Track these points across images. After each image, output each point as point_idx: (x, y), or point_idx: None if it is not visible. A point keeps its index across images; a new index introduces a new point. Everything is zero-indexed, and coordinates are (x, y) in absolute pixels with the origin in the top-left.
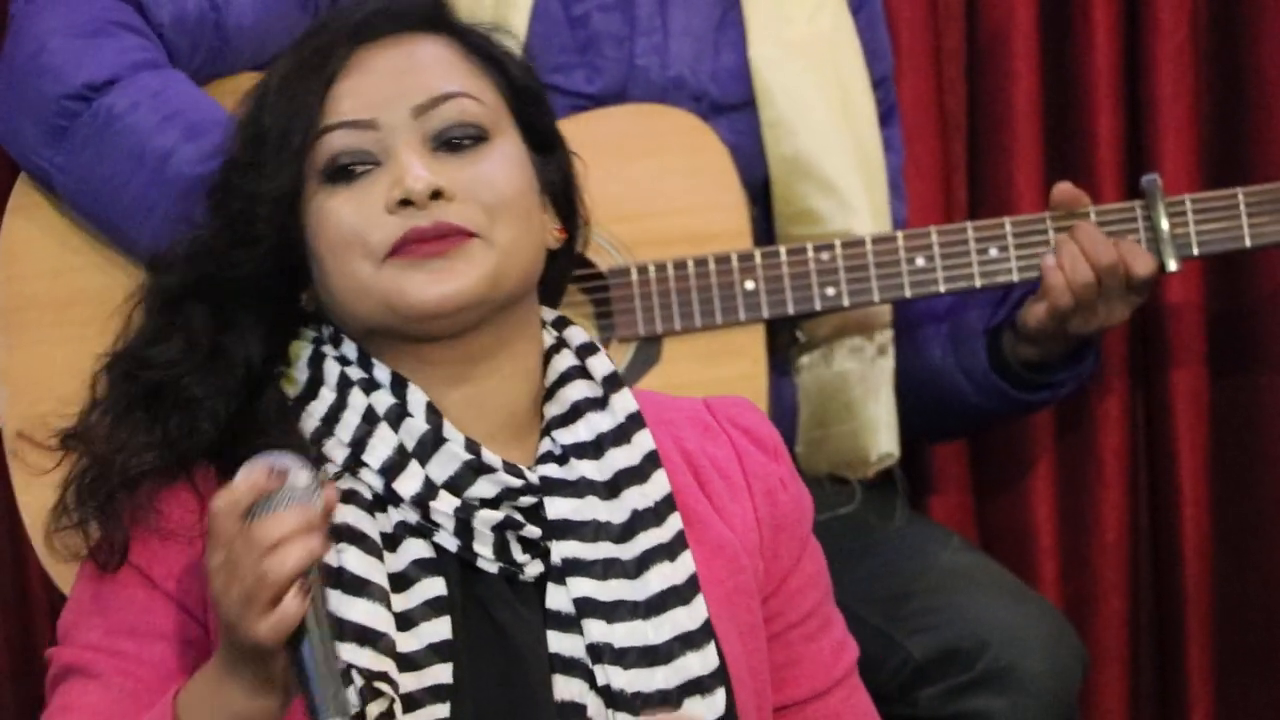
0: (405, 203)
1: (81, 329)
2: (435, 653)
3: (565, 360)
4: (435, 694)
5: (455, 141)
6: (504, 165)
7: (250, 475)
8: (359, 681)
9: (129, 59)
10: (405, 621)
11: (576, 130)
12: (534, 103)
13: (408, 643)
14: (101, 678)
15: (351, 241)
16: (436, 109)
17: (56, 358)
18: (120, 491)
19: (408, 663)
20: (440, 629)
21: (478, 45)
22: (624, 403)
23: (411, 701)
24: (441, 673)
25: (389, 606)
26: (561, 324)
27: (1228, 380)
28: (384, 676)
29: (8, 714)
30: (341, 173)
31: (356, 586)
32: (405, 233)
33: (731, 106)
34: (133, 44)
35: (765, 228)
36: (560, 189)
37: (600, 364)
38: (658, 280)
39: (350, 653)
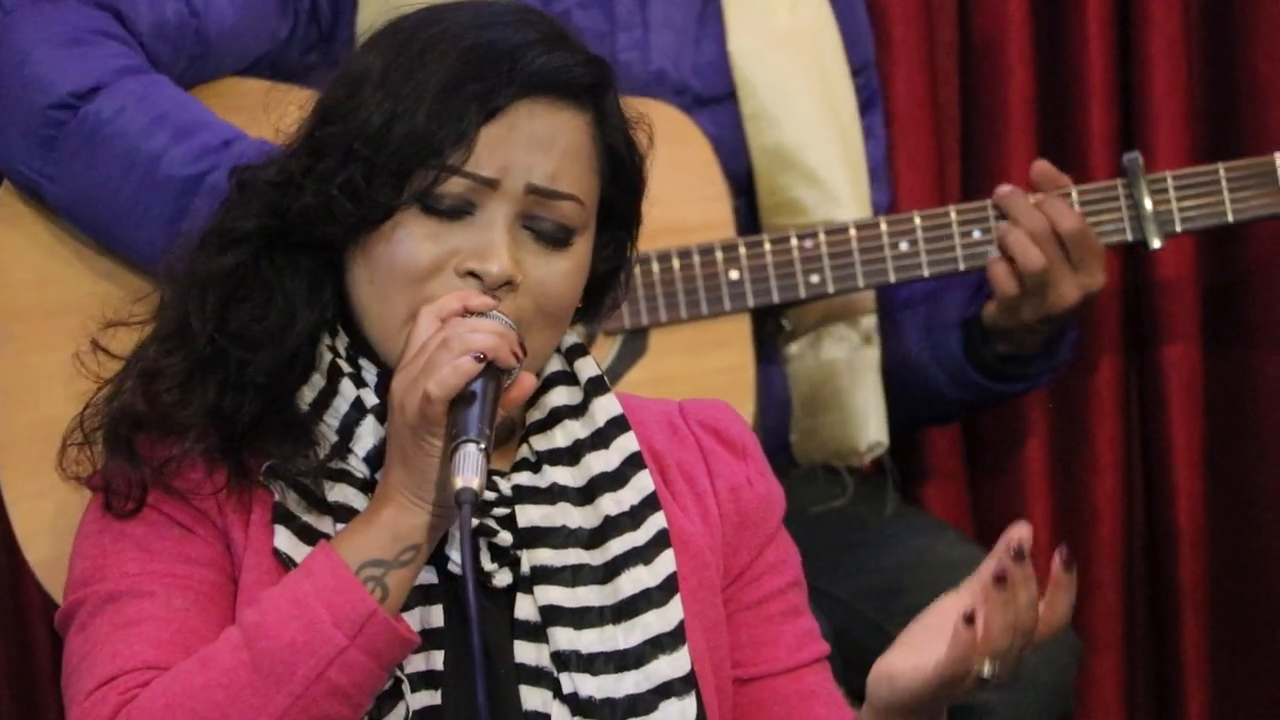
0: (473, 275)
1: (69, 338)
2: (428, 640)
3: (552, 364)
4: (428, 680)
5: (543, 235)
6: (571, 271)
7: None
8: None
9: (113, 65)
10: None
11: None
12: (628, 190)
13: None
14: (156, 595)
15: (411, 277)
16: (546, 200)
17: (44, 367)
18: (152, 435)
19: None
20: (433, 616)
21: (610, 136)
22: (605, 407)
23: (410, 684)
24: (435, 659)
25: None
26: None
27: (1221, 364)
28: None
29: (5, 715)
30: (442, 210)
31: None
32: None
33: (713, 99)
34: (115, 50)
35: (750, 219)
36: (612, 266)
37: (587, 366)
38: (642, 273)
39: None
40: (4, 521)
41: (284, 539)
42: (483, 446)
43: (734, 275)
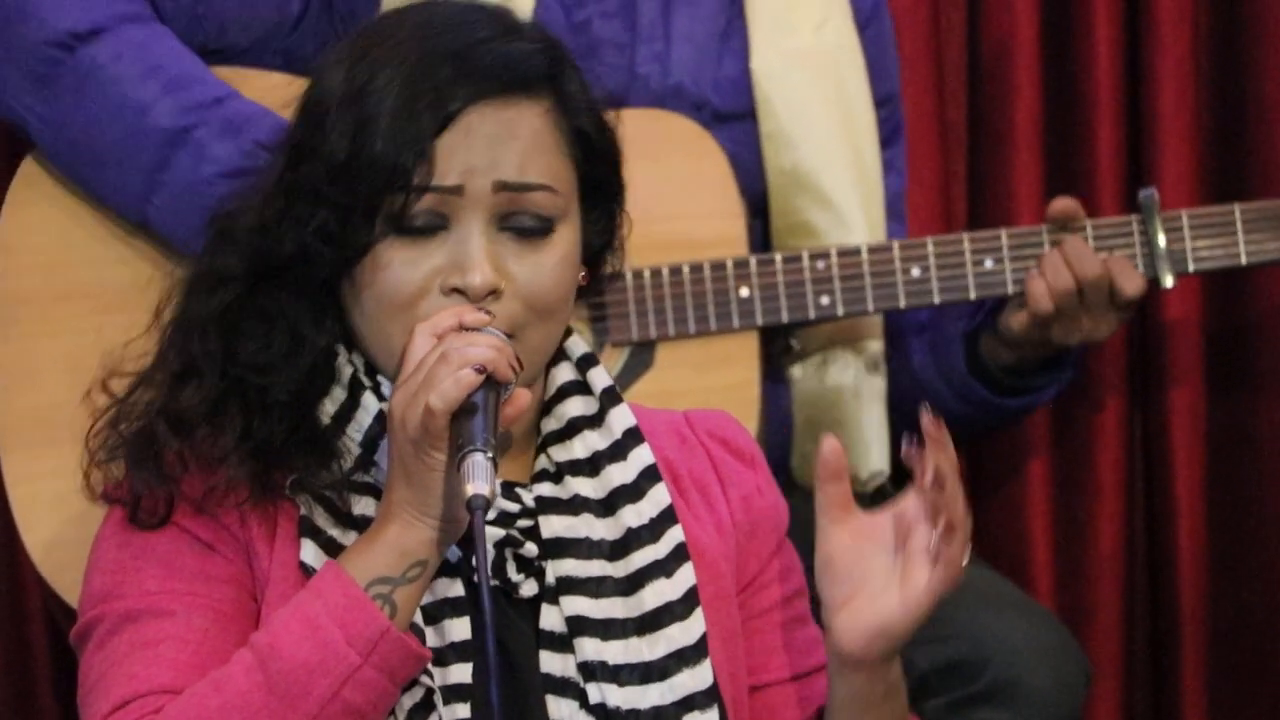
0: (458, 291)
1: (76, 323)
2: (456, 652)
3: (564, 373)
4: (457, 693)
5: (521, 230)
6: (557, 262)
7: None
8: None
9: (116, 10)
10: (427, 617)
11: None
12: (604, 162)
13: (432, 639)
14: (175, 615)
15: (399, 306)
16: (516, 194)
17: (48, 352)
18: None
19: (434, 658)
20: (460, 629)
21: (573, 117)
22: (621, 418)
23: (441, 695)
24: (463, 672)
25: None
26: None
27: (1225, 395)
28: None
29: (3, 711)
30: (414, 230)
31: None
32: None
33: (732, 116)
34: None
35: (763, 240)
36: (605, 238)
37: (599, 377)
38: (653, 285)
39: None
40: (3, 510)
41: (310, 553)
42: (490, 455)
43: (744, 293)
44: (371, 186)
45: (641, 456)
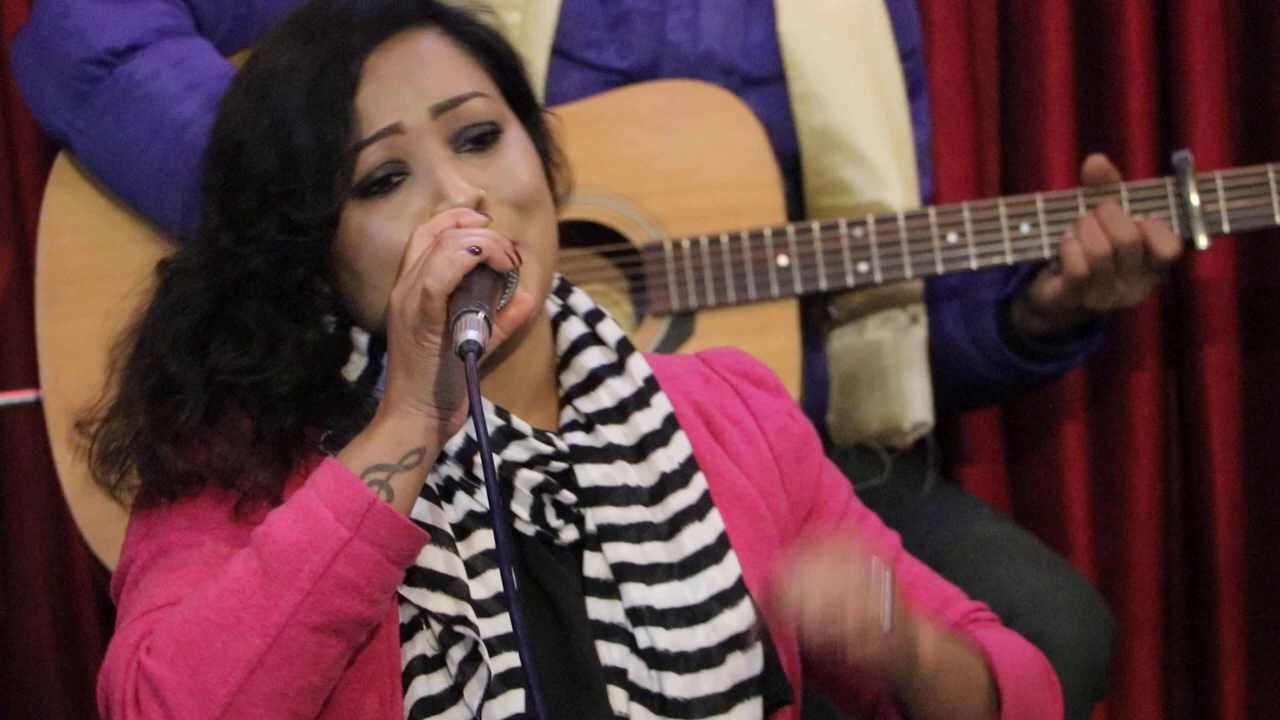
0: None
1: (121, 302)
2: (501, 602)
3: (575, 328)
4: (506, 642)
5: (476, 141)
6: (521, 158)
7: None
8: (437, 627)
9: (153, 25)
10: (469, 570)
11: (611, 106)
12: (515, 70)
13: (477, 590)
14: (204, 545)
15: (397, 260)
16: (454, 110)
17: (92, 330)
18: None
19: (479, 609)
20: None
21: (466, 31)
22: (639, 367)
23: (488, 647)
24: (509, 621)
25: (457, 553)
26: (564, 290)
27: (1259, 353)
28: (463, 620)
29: (51, 685)
30: (377, 185)
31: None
32: None
33: (762, 80)
34: (158, 9)
35: (796, 200)
36: (543, 150)
37: (610, 329)
38: (692, 255)
39: (427, 598)
40: (54, 490)
41: None
42: (483, 315)
43: (783, 261)
44: (314, 170)
45: (662, 404)
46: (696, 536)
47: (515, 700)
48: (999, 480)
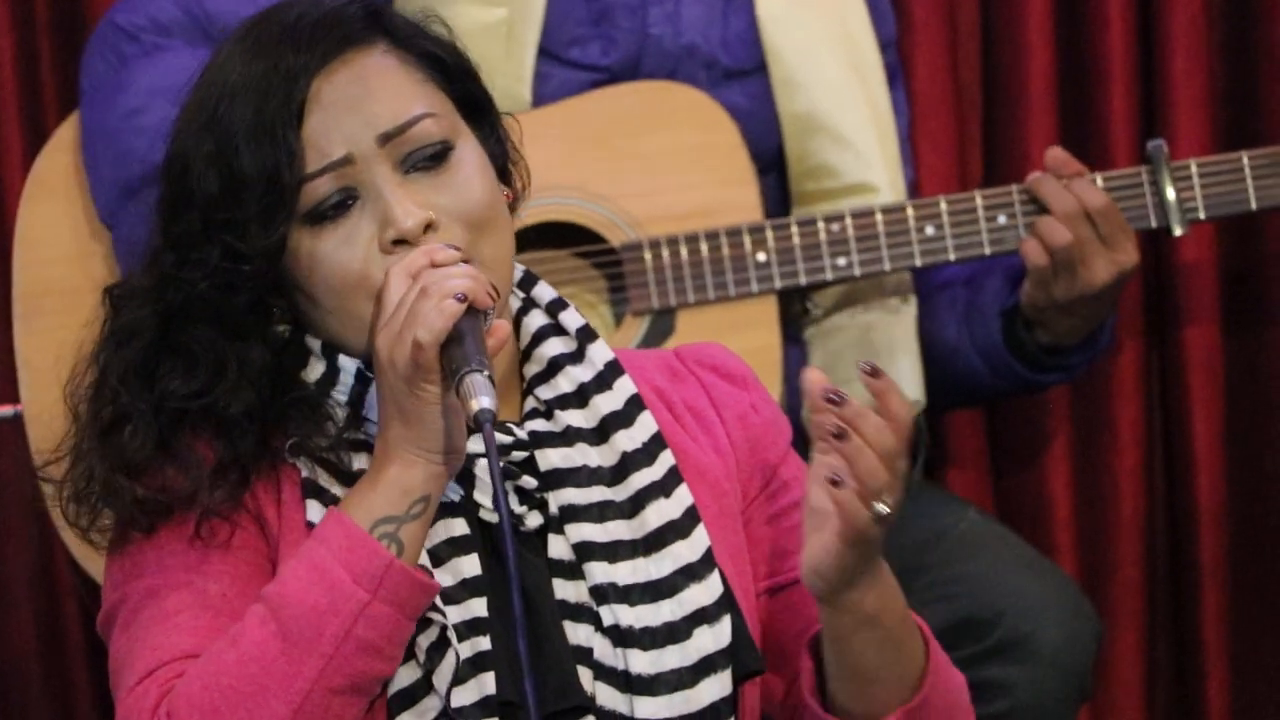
0: (399, 241)
1: (99, 314)
2: (467, 588)
3: (537, 319)
4: (474, 627)
5: (428, 160)
6: (473, 174)
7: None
8: None
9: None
10: (434, 559)
11: (587, 107)
12: (467, 77)
13: (442, 578)
14: (194, 584)
15: (355, 284)
16: (402, 135)
17: (74, 343)
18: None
19: (445, 597)
20: (470, 565)
21: (414, 45)
22: (600, 352)
23: (456, 633)
24: (477, 606)
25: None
26: (528, 283)
27: (1241, 346)
28: (431, 607)
29: (34, 690)
30: (331, 211)
31: None
32: None
33: (743, 72)
34: None
35: (781, 191)
36: (501, 153)
37: (572, 318)
38: (670, 254)
39: None
40: (38, 497)
41: (316, 512)
42: (487, 374)
43: (761, 257)
44: (258, 199)
45: (625, 386)
46: (661, 512)
47: (486, 683)
48: (983, 481)
